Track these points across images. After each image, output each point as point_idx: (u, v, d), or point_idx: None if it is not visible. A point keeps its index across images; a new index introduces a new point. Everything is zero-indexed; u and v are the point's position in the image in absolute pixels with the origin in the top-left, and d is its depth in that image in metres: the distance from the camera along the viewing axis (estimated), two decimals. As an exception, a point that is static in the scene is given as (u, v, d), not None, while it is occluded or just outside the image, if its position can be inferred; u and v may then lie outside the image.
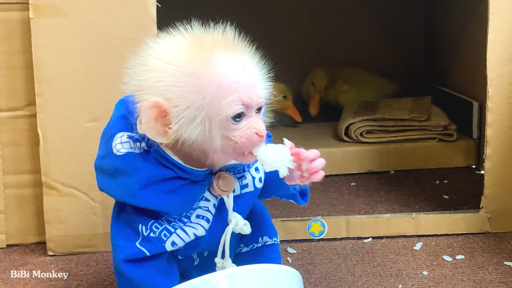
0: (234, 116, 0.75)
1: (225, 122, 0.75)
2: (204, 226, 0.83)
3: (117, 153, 0.79)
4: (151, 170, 0.78)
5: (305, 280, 1.02)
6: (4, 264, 1.13)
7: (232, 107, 0.75)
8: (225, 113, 0.75)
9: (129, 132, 0.80)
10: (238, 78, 0.75)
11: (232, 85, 0.75)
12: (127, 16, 1.09)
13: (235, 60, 0.76)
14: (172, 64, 0.75)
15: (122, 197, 0.80)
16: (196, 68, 0.74)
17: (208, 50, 0.75)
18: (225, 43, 0.77)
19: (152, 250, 0.81)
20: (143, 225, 0.81)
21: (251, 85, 0.76)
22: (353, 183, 1.47)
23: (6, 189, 1.18)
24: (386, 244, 1.16)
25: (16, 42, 1.14)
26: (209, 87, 0.74)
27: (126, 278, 0.82)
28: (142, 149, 0.79)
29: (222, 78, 0.74)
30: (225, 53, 0.76)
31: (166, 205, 0.79)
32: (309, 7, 1.93)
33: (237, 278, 0.73)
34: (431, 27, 1.91)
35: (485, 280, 1.02)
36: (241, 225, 0.83)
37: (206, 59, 0.75)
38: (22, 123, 1.16)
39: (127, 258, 0.81)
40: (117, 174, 0.79)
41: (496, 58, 1.13)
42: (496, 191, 1.18)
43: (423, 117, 1.57)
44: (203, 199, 0.83)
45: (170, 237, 0.82)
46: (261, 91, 0.78)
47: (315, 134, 1.68)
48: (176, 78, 0.74)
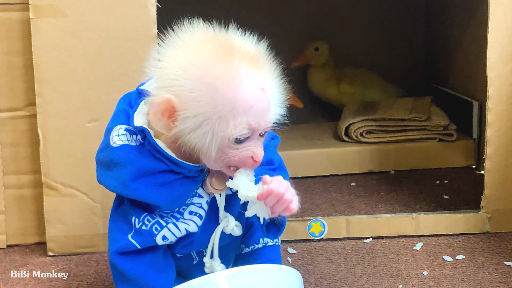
0: (237, 139, 0.75)
1: (227, 140, 0.75)
2: (197, 223, 0.83)
3: (113, 145, 0.79)
4: (143, 162, 0.78)
5: (305, 280, 1.02)
6: (4, 264, 1.13)
7: (237, 130, 0.75)
8: (230, 133, 0.75)
9: (128, 125, 0.81)
10: (253, 102, 0.74)
11: (245, 109, 0.74)
12: (127, 16, 1.09)
13: (255, 82, 0.75)
14: (195, 67, 0.74)
15: (115, 188, 0.81)
16: (216, 80, 0.74)
17: (234, 65, 0.74)
18: (252, 60, 0.76)
19: (142, 243, 0.81)
20: (136, 218, 0.82)
21: (264, 111, 0.76)
22: (353, 183, 1.47)
23: (6, 190, 1.18)
24: (386, 244, 1.16)
25: (16, 42, 1.14)
26: (223, 103, 0.73)
27: (118, 271, 0.82)
28: (138, 141, 0.80)
29: (238, 99, 0.74)
30: (249, 73, 0.75)
31: (157, 198, 0.79)
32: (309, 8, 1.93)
33: (237, 278, 0.73)
34: (431, 27, 1.91)
35: (486, 280, 1.02)
36: (232, 225, 0.83)
37: (229, 74, 0.74)
38: (22, 124, 1.16)
39: (119, 250, 0.82)
40: (112, 165, 0.80)
41: (496, 58, 1.13)
42: (496, 191, 1.17)
43: (423, 117, 1.57)
44: (197, 196, 0.83)
45: (161, 231, 0.81)
46: (271, 117, 0.78)
47: (315, 134, 1.68)
48: (194, 83, 0.74)
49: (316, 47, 1.80)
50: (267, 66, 0.78)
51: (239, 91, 0.74)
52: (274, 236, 0.87)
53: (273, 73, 0.78)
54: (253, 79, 0.75)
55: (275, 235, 0.86)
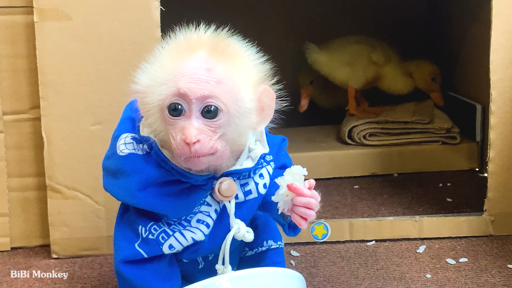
0: (170, 108, 0.74)
1: (164, 113, 0.74)
2: (204, 231, 0.82)
3: (120, 154, 0.79)
4: (150, 171, 0.78)
5: (309, 283, 1.02)
6: (8, 266, 1.14)
7: (168, 97, 0.73)
8: (163, 103, 0.74)
9: (134, 133, 0.81)
10: (188, 72, 0.73)
11: (178, 77, 0.73)
12: (131, 19, 1.10)
13: (202, 61, 0.74)
14: (161, 60, 0.76)
15: (122, 197, 0.80)
16: (173, 66, 0.75)
17: (191, 51, 0.75)
18: (211, 46, 0.76)
19: (149, 252, 0.81)
20: (143, 227, 0.81)
21: (201, 80, 0.73)
22: (356, 186, 1.47)
23: (11, 192, 1.19)
24: (390, 247, 1.16)
25: (20, 45, 1.14)
26: (164, 77, 0.74)
27: (124, 279, 0.82)
28: (145, 150, 0.79)
29: (175, 71, 0.74)
30: (201, 55, 0.74)
31: (164, 207, 0.79)
32: (309, 10, 1.93)
33: (240, 282, 0.73)
34: (434, 29, 1.91)
35: (489, 283, 1.02)
36: (243, 232, 0.82)
37: (184, 59, 0.74)
38: (27, 126, 1.17)
39: (125, 259, 0.81)
40: (119, 174, 0.80)
41: (499, 61, 1.13)
42: (500, 194, 1.17)
43: (426, 119, 1.57)
44: (205, 204, 0.82)
45: (168, 240, 0.81)
46: (215, 91, 0.73)
47: (318, 136, 1.68)
48: (157, 74, 0.76)
49: (310, 81, 1.71)
50: (231, 54, 0.76)
51: (180, 66, 0.74)
52: (294, 233, 0.86)
53: (239, 61, 0.76)
54: (201, 59, 0.74)
55: (295, 232, 0.86)
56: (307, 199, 0.77)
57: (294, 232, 0.86)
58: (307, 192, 0.78)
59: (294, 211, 0.78)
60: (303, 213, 0.78)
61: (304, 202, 0.77)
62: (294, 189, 0.77)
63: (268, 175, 0.85)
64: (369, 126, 1.57)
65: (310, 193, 0.78)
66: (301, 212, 0.78)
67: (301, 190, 0.77)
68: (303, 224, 0.79)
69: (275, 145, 0.87)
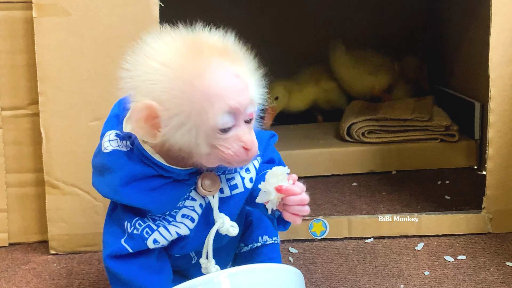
0: (222, 128, 0.75)
1: (211, 132, 0.75)
2: (188, 226, 0.82)
3: (104, 151, 0.80)
4: (133, 167, 0.78)
5: (307, 279, 1.02)
6: (6, 262, 1.14)
7: (218, 116, 0.74)
8: (213, 123, 0.74)
9: (118, 130, 0.81)
10: (226, 85, 0.74)
11: (220, 94, 0.74)
12: (130, 15, 1.10)
13: (227, 69, 0.75)
14: (169, 68, 0.74)
15: (107, 194, 0.81)
16: (190, 75, 0.74)
17: (205, 57, 0.74)
18: (221, 50, 0.76)
19: (134, 247, 0.81)
20: (129, 222, 0.82)
21: (240, 91, 0.75)
22: (354, 183, 1.47)
23: (9, 188, 1.19)
24: (388, 244, 1.16)
25: (19, 41, 1.14)
26: (200, 95, 0.73)
27: (112, 274, 0.83)
28: (128, 147, 0.80)
29: (212, 87, 0.73)
30: (219, 63, 0.75)
31: (147, 202, 0.79)
32: (309, 9, 1.93)
33: (239, 278, 0.73)
34: (433, 27, 1.91)
35: (487, 280, 1.02)
36: (227, 226, 0.82)
37: (201, 67, 0.74)
38: (25, 122, 1.17)
39: (112, 254, 0.82)
40: (104, 171, 0.80)
41: (498, 59, 1.13)
42: (498, 192, 1.18)
43: (425, 117, 1.57)
44: (189, 199, 0.82)
45: (152, 234, 0.81)
46: (252, 97, 0.77)
47: (317, 134, 1.68)
48: (171, 83, 0.74)
49: (276, 97, 1.70)
50: (238, 55, 0.77)
51: (212, 80, 0.74)
52: (284, 227, 0.86)
53: (245, 60, 0.78)
54: (224, 67, 0.75)
55: (285, 226, 0.86)
56: (300, 197, 0.78)
57: (284, 227, 0.86)
58: (298, 190, 0.78)
59: (288, 211, 0.79)
60: (298, 210, 0.79)
61: (297, 200, 0.78)
62: (284, 191, 0.78)
63: (254, 169, 0.86)
64: (368, 124, 1.57)
65: (300, 190, 0.79)
66: (295, 210, 0.79)
67: (292, 190, 0.78)
68: (299, 221, 0.79)
69: (263, 140, 0.88)
